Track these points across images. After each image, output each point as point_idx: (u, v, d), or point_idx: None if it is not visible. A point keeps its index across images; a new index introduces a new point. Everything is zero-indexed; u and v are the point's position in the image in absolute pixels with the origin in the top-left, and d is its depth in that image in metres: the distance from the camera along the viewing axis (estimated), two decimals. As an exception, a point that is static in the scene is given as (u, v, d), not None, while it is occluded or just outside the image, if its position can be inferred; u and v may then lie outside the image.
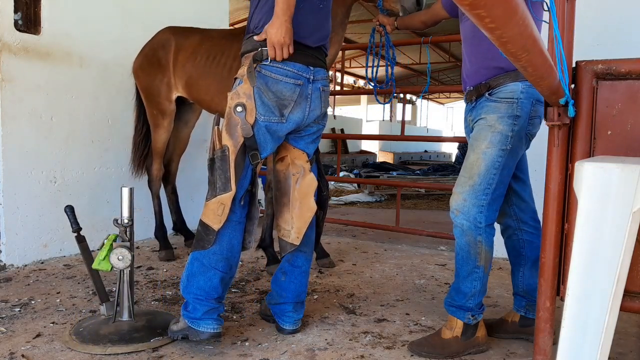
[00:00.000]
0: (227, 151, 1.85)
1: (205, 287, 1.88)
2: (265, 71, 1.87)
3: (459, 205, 1.88)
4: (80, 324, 2.11)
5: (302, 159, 2.08)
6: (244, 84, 1.89)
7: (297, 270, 2.11)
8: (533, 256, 2.04)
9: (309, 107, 1.96)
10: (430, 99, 30.69)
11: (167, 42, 3.17)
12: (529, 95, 1.85)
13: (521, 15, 0.77)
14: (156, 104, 3.23)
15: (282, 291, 2.10)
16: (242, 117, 1.86)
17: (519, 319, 2.08)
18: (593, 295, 1.13)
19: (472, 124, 1.99)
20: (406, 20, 2.49)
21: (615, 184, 1.10)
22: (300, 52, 1.90)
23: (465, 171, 1.90)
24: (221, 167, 1.85)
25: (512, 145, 1.85)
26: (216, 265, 1.89)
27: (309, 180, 2.08)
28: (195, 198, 4.13)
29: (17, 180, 3.00)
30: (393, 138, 6.46)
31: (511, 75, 1.86)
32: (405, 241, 4.03)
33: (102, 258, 1.98)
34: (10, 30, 2.93)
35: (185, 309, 1.92)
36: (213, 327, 1.88)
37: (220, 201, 1.84)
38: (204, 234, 1.88)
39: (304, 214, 2.07)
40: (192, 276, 1.90)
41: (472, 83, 1.97)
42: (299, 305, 2.11)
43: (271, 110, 1.88)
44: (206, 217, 1.88)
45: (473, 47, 1.97)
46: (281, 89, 1.88)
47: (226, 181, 1.84)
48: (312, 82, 1.94)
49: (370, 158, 15.26)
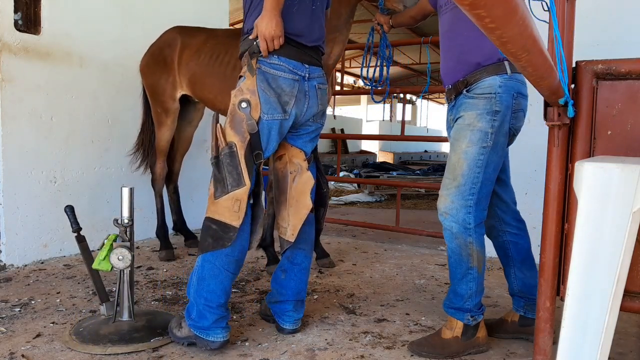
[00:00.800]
0: (234, 147, 1.83)
1: (217, 290, 1.85)
2: (265, 67, 1.88)
3: (447, 208, 1.87)
4: (80, 324, 2.11)
5: (300, 157, 2.08)
6: (246, 80, 1.90)
7: (296, 267, 2.10)
8: (520, 257, 2.05)
9: (307, 103, 1.97)
10: (430, 99, 30.68)
11: (173, 40, 3.20)
12: (508, 89, 1.82)
13: (521, 15, 0.77)
14: (160, 102, 3.25)
15: (282, 289, 2.10)
16: (247, 113, 1.85)
17: (518, 318, 2.08)
18: (593, 295, 1.13)
19: (452, 123, 1.97)
20: (398, 18, 2.50)
21: (615, 184, 1.10)
22: (295, 50, 1.91)
23: (449, 172, 1.89)
24: (231, 164, 1.83)
25: (494, 142, 1.82)
26: (228, 267, 1.86)
27: (305, 179, 2.08)
28: (195, 198, 4.13)
29: (17, 180, 3.00)
30: (393, 138, 6.46)
31: (488, 69, 1.83)
32: (405, 241, 4.03)
33: (102, 258, 1.98)
34: (10, 30, 2.93)
35: (189, 317, 1.89)
36: (223, 336, 1.87)
37: (235, 197, 1.82)
38: (222, 232, 1.83)
39: (300, 211, 2.08)
40: (203, 280, 1.85)
41: (451, 81, 1.95)
42: (299, 304, 2.10)
43: (274, 107, 1.88)
44: (220, 215, 1.84)
45: (449, 41, 1.95)
46: (281, 84, 1.89)
47: (238, 176, 1.82)
48: (307, 79, 1.95)
49: (370, 158, 15.25)
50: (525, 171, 3.20)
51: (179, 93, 3.21)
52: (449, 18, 1.96)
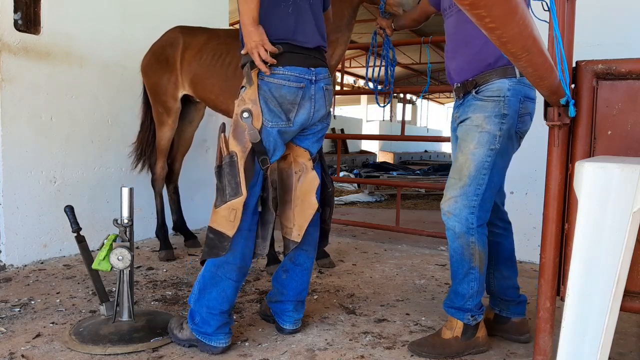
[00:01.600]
0: (235, 157, 1.85)
1: (219, 298, 1.87)
2: (268, 78, 1.87)
3: (450, 208, 1.88)
4: (80, 324, 2.11)
5: (305, 157, 2.08)
6: (247, 89, 1.89)
7: (298, 268, 2.11)
8: (502, 257, 2.07)
9: (313, 107, 1.96)
10: (430, 99, 30.70)
11: (175, 40, 3.20)
12: (516, 93, 1.83)
13: (521, 15, 0.77)
14: (162, 102, 3.26)
15: (283, 289, 2.10)
16: (249, 123, 1.86)
17: (493, 316, 2.11)
18: (593, 295, 1.13)
19: (457, 122, 1.97)
20: (400, 21, 2.50)
21: (616, 184, 1.10)
22: (298, 55, 1.91)
23: (455, 173, 1.89)
24: (230, 173, 1.84)
25: (501, 145, 1.83)
26: (230, 275, 1.88)
27: (310, 178, 2.08)
28: (195, 198, 4.13)
29: (17, 180, 3.00)
30: (393, 138, 6.47)
31: (498, 72, 1.83)
32: (405, 241, 4.03)
33: (101, 258, 1.98)
34: (10, 30, 2.93)
35: (192, 322, 1.91)
36: (225, 342, 1.89)
37: (232, 207, 1.83)
38: (217, 241, 1.86)
39: (305, 211, 2.07)
40: (204, 289, 1.88)
41: (459, 79, 1.95)
42: (299, 304, 2.10)
43: (277, 115, 1.89)
44: (217, 224, 1.86)
45: (457, 43, 1.96)
46: (284, 94, 1.88)
47: (236, 186, 1.83)
48: (314, 82, 1.94)
49: (370, 158, 15.25)
50: (525, 171, 3.20)
51: (180, 93, 3.21)
52: (454, 21, 1.96)
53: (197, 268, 3.04)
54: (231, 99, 2.99)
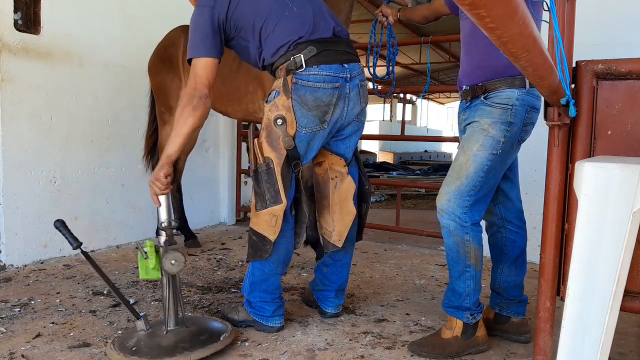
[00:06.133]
0: (271, 164, 1.89)
1: (269, 289, 2.05)
2: (302, 81, 1.86)
3: (444, 206, 1.89)
4: (124, 338, 1.90)
5: (340, 164, 2.11)
6: (281, 95, 1.88)
7: (338, 263, 2.23)
8: (514, 255, 2.06)
9: (347, 106, 1.96)
10: (430, 99, 30.68)
11: (177, 39, 3.20)
12: (524, 103, 1.84)
13: (521, 15, 0.77)
14: (164, 101, 3.26)
15: (325, 280, 2.25)
16: (283, 130, 1.88)
17: (493, 316, 2.10)
18: (593, 295, 1.13)
19: (464, 124, 1.99)
20: (409, 13, 2.46)
21: (616, 184, 1.10)
22: (329, 52, 1.89)
23: (454, 171, 1.91)
24: (268, 181, 1.90)
25: (502, 151, 1.85)
26: (276, 270, 2.03)
27: (347, 185, 2.12)
28: (195, 198, 4.13)
29: (17, 180, 3.00)
30: (393, 138, 6.46)
31: (507, 81, 1.85)
32: (405, 241, 4.03)
33: (151, 267, 1.85)
34: (10, 30, 2.93)
35: (249, 306, 2.08)
36: (280, 322, 2.09)
37: (273, 213, 1.91)
38: (261, 244, 1.96)
39: (344, 217, 2.13)
40: (255, 284, 2.05)
41: (468, 82, 1.96)
42: (340, 292, 2.26)
43: (312, 119, 1.89)
44: (260, 227, 1.95)
45: (470, 46, 1.97)
46: (319, 96, 1.87)
47: (275, 194, 1.89)
48: (349, 80, 1.93)
49: (370, 158, 15.25)
50: (525, 171, 3.18)
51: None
52: (469, 23, 1.96)
53: (197, 268, 3.04)
54: (229, 101, 2.99)
